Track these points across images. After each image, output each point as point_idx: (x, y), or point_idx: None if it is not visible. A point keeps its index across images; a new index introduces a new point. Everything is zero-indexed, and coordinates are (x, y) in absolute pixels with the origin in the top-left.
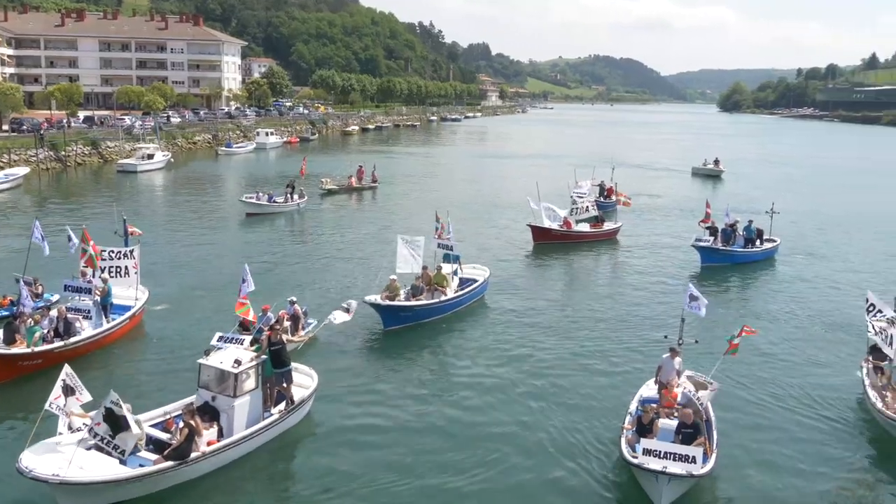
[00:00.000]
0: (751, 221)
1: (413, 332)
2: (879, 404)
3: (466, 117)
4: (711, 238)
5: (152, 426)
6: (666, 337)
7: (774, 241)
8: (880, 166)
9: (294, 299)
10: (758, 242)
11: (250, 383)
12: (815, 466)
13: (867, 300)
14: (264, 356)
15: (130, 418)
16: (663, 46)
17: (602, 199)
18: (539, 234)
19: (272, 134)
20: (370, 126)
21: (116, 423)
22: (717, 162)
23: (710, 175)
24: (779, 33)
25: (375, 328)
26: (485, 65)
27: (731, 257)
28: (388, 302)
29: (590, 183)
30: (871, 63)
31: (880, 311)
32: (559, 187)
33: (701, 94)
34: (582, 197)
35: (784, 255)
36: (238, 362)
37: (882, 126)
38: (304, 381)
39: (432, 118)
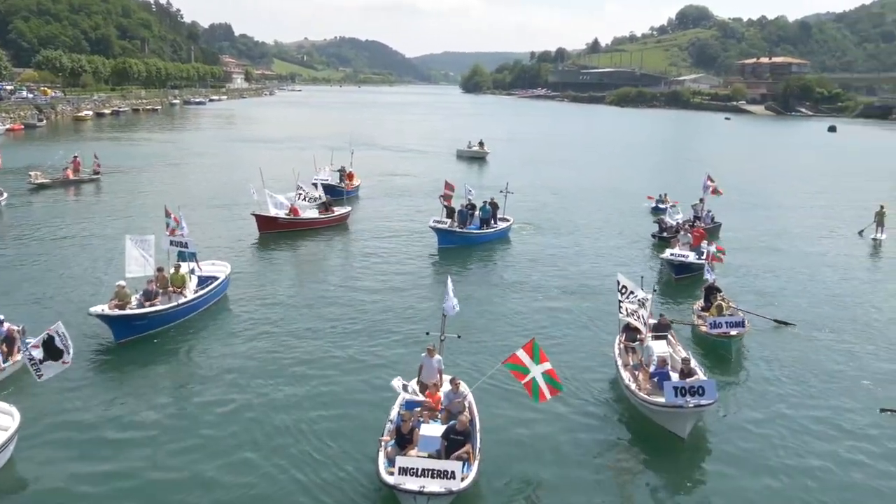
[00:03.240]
0: (485, 202)
1: (150, 341)
2: (633, 385)
3: (211, 100)
4: (448, 220)
5: None
6: (428, 333)
7: (508, 220)
8: (608, 144)
9: (1, 317)
10: (492, 222)
11: None
12: (575, 454)
13: (619, 283)
14: None
15: None
16: (408, 29)
17: (343, 185)
18: (264, 223)
19: None
20: (106, 111)
21: None
22: (481, 144)
23: (475, 157)
24: (515, 18)
25: (105, 342)
26: (228, 46)
27: (467, 239)
28: (117, 312)
29: (329, 168)
30: (594, 47)
31: (632, 292)
32: (298, 172)
33: (444, 76)
34: (315, 184)
35: (517, 234)
36: None
37: (605, 105)
38: (0, 421)
39: (174, 101)
